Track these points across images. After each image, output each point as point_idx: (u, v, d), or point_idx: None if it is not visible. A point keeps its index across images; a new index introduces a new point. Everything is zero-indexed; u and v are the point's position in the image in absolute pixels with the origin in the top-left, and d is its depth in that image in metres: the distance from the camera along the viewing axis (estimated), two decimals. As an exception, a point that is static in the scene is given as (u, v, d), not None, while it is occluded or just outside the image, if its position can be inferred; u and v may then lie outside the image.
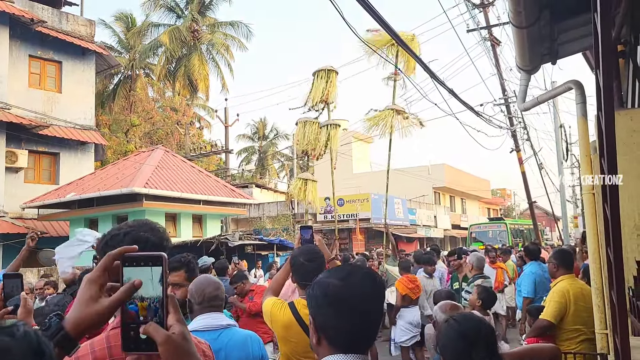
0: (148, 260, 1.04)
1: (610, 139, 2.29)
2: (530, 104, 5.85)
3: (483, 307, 4.81)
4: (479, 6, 15.94)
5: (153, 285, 1.03)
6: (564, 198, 23.04)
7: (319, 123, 15.48)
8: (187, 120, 30.63)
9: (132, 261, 1.04)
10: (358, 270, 1.53)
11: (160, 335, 1.00)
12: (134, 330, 1.02)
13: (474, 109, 13.67)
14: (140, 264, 1.04)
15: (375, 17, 5.43)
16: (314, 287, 1.51)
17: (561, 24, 4.66)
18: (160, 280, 1.03)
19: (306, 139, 15.14)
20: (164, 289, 1.03)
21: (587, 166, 4.07)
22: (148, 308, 1.02)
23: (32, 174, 17.84)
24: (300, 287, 3.11)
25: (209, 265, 8.78)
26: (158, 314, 1.03)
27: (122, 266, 1.04)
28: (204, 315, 2.73)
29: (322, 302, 1.45)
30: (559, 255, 4.81)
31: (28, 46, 17.54)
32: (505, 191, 60.44)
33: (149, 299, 1.03)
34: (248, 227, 26.05)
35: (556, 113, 20.75)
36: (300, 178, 16.18)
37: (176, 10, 33.38)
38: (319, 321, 1.46)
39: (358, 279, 1.47)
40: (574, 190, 33.11)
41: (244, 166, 44.43)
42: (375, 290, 1.48)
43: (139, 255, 1.05)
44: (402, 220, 29.69)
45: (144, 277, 1.03)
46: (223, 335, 2.70)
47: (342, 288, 1.44)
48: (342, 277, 1.48)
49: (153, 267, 1.03)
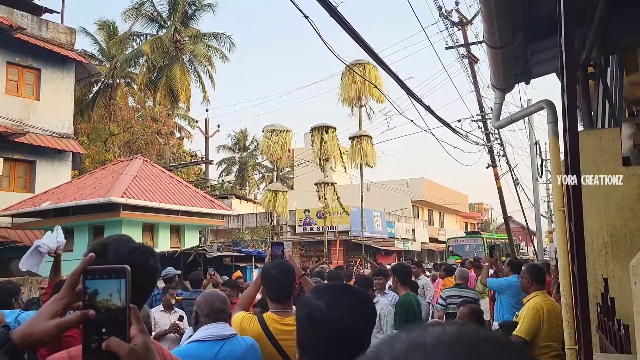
0: (112, 273, 1.05)
1: (574, 159, 2.38)
2: (505, 122, 5.99)
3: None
4: (458, 24, 16.22)
5: (116, 297, 1.04)
6: (539, 213, 23.42)
7: (286, 131, 15.77)
8: (167, 130, 30.46)
9: (95, 274, 1.05)
10: (349, 293, 1.50)
11: (124, 349, 1.01)
12: (95, 342, 1.02)
13: (451, 126, 13.87)
14: (104, 277, 1.04)
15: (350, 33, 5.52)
16: (302, 306, 1.49)
17: (534, 45, 4.81)
18: (123, 292, 1.04)
19: (272, 147, 15.34)
20: (127, 301, 1.04)
21: (558, 184, 4.18)
22: (111, 320, 1.03)
23: (6, 181, 17.53)
24: (271, 300, 3.11)
25: (173, 276, 8.72)
26: (121, 326, 1.03)
27: (85, 279, 1.04)
28: (209, 325, 2.76)
29: (306, 325, 1.44)
30: (532, 271, 4.90)
31: (6, 53, 17.32)
32: (483, 205, 61.06)
33: (112, 310, 1.03)
34: (227, 238, 25.91)
35: (531, 130, 21.14)
36: (269, 190, 16.30)
37: (158, 21, 33.28)
38: (302, 340, 1.46)
39: (347, 304, 1.44)
40: (549, 206, 33.64)
41: (223, 177, 44.27)
42: (364, 315, 1.45)
43: (102, 268, 1.06)
44: (380, 233, 29.82)
45: (108, 289, 1.04)
46: (226, 345, 2.72)
47: (328, 314, 1.41)
48: (331, 301, 1.44)
49: (116, 280, 1.04)
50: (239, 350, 2.70)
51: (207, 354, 2.60)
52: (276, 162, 16.07)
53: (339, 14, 4.99)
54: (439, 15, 15.44)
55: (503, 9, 3.92)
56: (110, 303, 1.04)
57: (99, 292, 1.04)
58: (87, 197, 15.28)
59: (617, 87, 5.29)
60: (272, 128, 15.63)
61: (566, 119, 2.41)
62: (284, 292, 3.06)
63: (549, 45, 4.78)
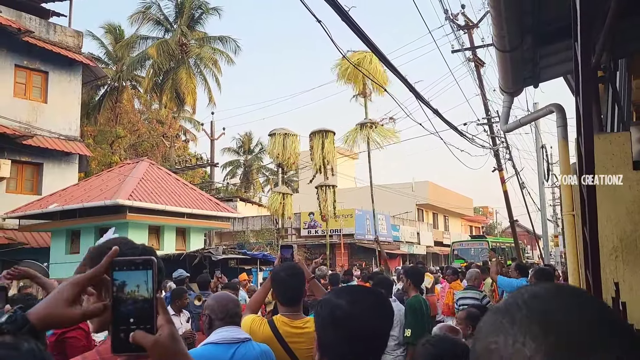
0: (138, 264, 1.07)
1: (590, 163, 2.38)
2: (513, 125, 5.98)
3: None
4: (464, 28, 16.23)
5: (143, 288, 1.06)
6: (545, 217, 23.34)
7: (296, 135, 15.82)
8: (173, 132, 30.53)
9: (123, 265, 1.07)
10: (368, 294, 1.52)
11: (148, 341, 1.03)
12: (124, 332, 1.04)
13: (458, 129, 13.87)
14: (131, 268, 1.07)
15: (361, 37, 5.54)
16: (322, 306, 1.49)
17: (543, 48, 4.80)
18: (150, 283, 1.06)
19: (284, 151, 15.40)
20: (154, 292, 1.06)
21: (567, 188, 4.17)
22: (138, 310, 1.05)
23: (14, 184, 17.62)
24: (281, 303, 3.11)
25: (184, 278, 9.22)
26: (148, 316, 1.06)
27: (112, 270, 1.07)
28: (223, 328, 2.76)
29: (327, 324, 1.44)
30: (539, 275, 4.90)
31: (14, 56, 17.43)
32: (488, 209, 60.91)
33: (139, 301, 1.06)
34: (232, 240, 25.93)
35: (538, 134, 21.10)
36: (278, 192, 16.32)
37: (165, 24, 33.42)
38: (323, 341, 1.45)
39: (368, 304, 1.45)
40: (555, 210, 33.52)
41: (228, 180, 44.32)
42: (383, 315, 1.47)
43: (129, 259, 1.08)
44: (385, 236, 29.78)
45: (135, 280, 1.06)
46: (240, 348, 2.72)
47: (350, 312, 1.42)
48: (352, 300, 1.45)
49: (143, 271, 1.07)
50: (253, 354, 2.70)
51: (222, 356, 2.60)
52: (286, 165, 16.10)
53: (351, 18, 5.02)
54: (445, 19, 15.48)
55: (512, 13, 3.92)
56: (137, 294, 1.06)
57: (126, 284, 1.06)
58: (93, 199, 15.32)
59: (625, 90, 5.29)
60: (283, 132, 15.67)
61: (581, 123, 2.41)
62: (294, 295, 3.06)
63: (558, 49, 4.77)
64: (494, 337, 0.60)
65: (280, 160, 15.94)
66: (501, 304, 0.65)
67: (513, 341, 0.58)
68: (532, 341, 0.57)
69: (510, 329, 0.59)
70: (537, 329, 0.58)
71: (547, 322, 0.58)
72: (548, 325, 0.58)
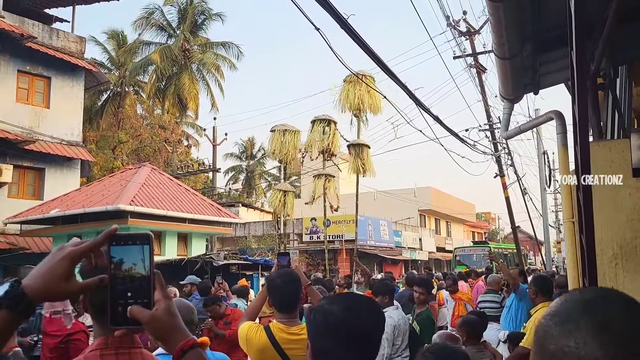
0: (136, 239, 1.09)
1: (585, 171, 2.38)
2: (513, 132, 5.98)
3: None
4: (465, 34, 16.25)
5: (140, 263, 1.08)
6: (547, 223, 23.28)
7: (297, 131, 15.64)
8: (175, 138, 30.58)
9: (120, 240, 1.09)
10: (362, 301, 1.52)
11: (145, 316, 1.05)
12: (122, 306, 1.06)
13: (459, 135, 13.87)
14: (129, 243, 1.09)
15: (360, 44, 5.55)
16: (316, 313, 1.49)
17: (543, 56, 4.81)
18: (148, 258, 1.08)
19: (284, 148, 15.22)
20: (151, 267, 1.08)
21: (567, 195, 4.17)
22: (136, 285, 1.07)
23: (16, 189, 17.65)
24: (277, 310, 3.09)
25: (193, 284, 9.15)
26: (145, 291, 1.07)
27: (110, 245, 1.08)
28: None
29: (321, 331, 1.45)
30: (538, 282, 4.88)
31: (17, 61, 17.50)
32: (490, 215, 60.77)
33: (137, 276, 1.07)
34: (233, 246, 25.91)
35: (539, 140, 21.08)
36: (279, 190, 16.18)
37: (168, 30, 33.55)
38: (316, 348, 1.45)
39: (361, 311, 1.46)
40: (557, 216, 33.44)
41: (231, 185, 44.32)
42: (375, 321, 1.47)
43: (127, 234, 1.10)
44: (387, 242, 29.72)
45: (132, 256, 1.08)
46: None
47: (344, 319, 1.43)
48: (345, 307, 1.46)
49: (140, 246, 1.09)
50: None
51: None
52: (287, 162, 15.92)
53: (350, 26, 5.02)
54: (447, 25, 15.49)
55: (512, 21, 3.92)
56: (135, 268, 1.08)
57: (124, 259, 1.08)
58: (95, 204, 15.34)
59: (626, 97, 5.29)
60: (283, 128, 15.56)
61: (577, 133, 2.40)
62: (290, 301, 3.06)
63: (558, 56, 4.78)
64: (565, 340, 0.72)
65: (280, 156, 15.76)
66: (559, 309, 0.77)
67: (584, 343, 0.71)
68: (599, 348, 0.70)
69: (578, 335, 0.72)
70: (603, 336, 0.71)
71: (609, 332, 0.71)
72: (611, 335, 0.71)
